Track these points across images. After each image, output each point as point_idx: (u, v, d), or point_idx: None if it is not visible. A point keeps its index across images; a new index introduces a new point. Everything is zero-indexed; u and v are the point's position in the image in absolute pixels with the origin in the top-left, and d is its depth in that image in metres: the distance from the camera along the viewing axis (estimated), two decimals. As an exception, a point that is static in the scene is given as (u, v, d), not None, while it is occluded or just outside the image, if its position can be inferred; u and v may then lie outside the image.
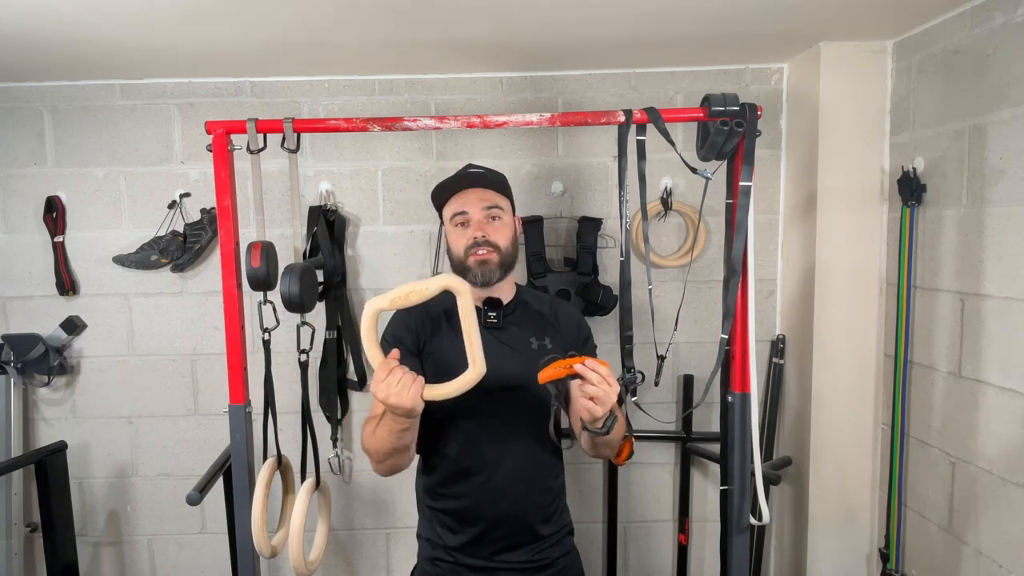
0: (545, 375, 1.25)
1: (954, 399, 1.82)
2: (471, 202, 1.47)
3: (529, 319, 1.52)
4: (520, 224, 1.58)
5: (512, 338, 1.49)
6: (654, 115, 1.45)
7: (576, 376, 1.23)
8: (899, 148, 2.02)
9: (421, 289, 1.21)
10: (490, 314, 1.48)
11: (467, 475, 1.47)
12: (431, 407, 1.46)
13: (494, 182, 1.52)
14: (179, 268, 2.28)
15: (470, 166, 1.56)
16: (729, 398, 1.53)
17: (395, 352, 1.26)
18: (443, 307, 1.53)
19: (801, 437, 2.23)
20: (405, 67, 2.23)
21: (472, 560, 1.48)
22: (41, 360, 2.28)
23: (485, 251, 1.44)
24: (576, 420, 1.40)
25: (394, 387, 1.18)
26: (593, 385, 1.20)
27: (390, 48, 2.00)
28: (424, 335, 1.51)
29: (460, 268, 1.48)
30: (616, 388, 1.22)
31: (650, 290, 1.50)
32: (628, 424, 1.62)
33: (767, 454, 2.33)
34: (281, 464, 1.61)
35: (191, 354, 2.38)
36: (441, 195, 1.54)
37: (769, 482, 2.02)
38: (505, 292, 1.52)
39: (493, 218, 1.48)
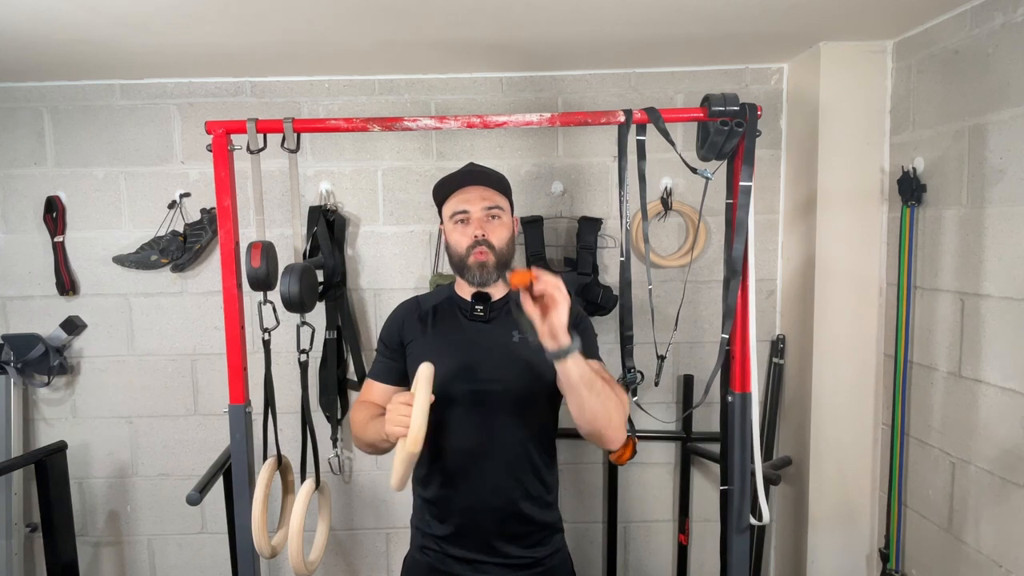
0: (516, 279, 1.20)
1: (954, 399, 1.82)
2: (472, 200, 1.49)
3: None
4: (518, 224, 1.59)
5: (494, 331, 1.51)
6: (654, 115, 1.45)
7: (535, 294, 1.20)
8: (899, 148, 2.02)
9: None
10: (477, 307, 1.51)
11: (450, 467, 1.49)
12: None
13: (495, 181, 1.53)
14: (179, 268, 2.28)
15: (472, 165, 1.57)
16: (729, 398, 1.53)
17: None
18: (432, 303, 1.58)
19: (801, 437, 2.23)
20: (405, 67, 2.23)
21: (457, 551, 1.50)
22: (41, 360, 2.28)
23: (483, 252, 1.46)
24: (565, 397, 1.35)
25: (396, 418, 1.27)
26: (550, 283, 1.18)
27: (390, 48, 2.00)
28: (409, 331, 1.57)
29: (460, 266, 1.50)
30: (564, 291, 1.19)
31: (650, 290, 1.51)
32: (630, 423, 1.62)
33: (767, 454, 2.33)
34: (281, 464, 1.61)
35: (191, 354, 2.38)
36: (442, 191, 1.55)
37: (769, 482, 2.02)
38: (501, 288, 1.53)
39: (493, 217, 1.49)
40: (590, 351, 1.52)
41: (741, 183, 1.43)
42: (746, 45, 2.07)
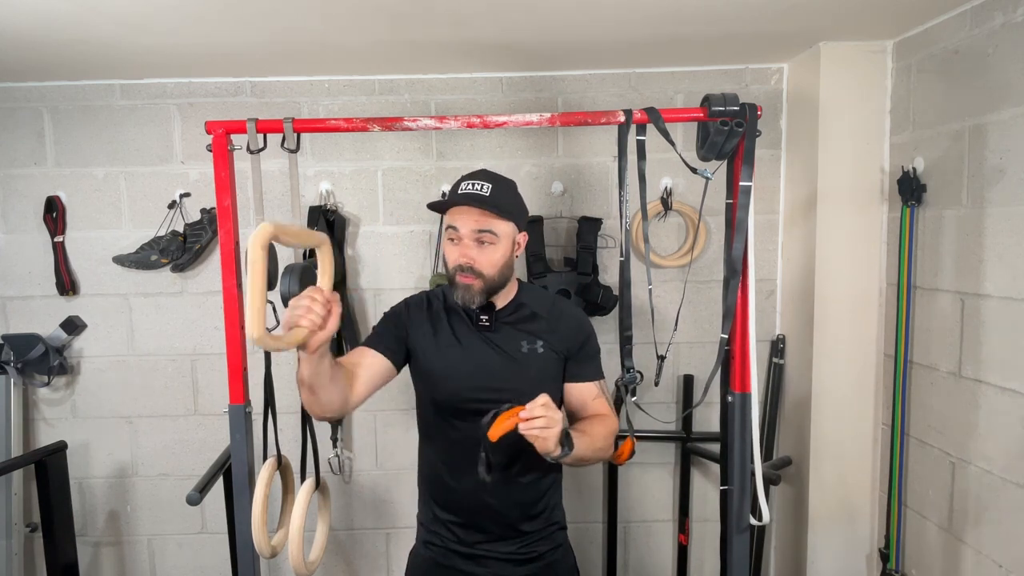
0: (496, 432, 1.25)
1: (954, 399, 1.81)
2: (463, 221, 1.42)
3: (523, 321, 1.51)
4: (525, 239, 1.51)
5: (502, 340, 1.49)
6: (654, 115, 1.45)
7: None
8: (899, 148, 2.02)
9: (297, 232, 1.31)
10: (482, 317, 1.49)
11: (452, 470, 1.51)
12: (427, 402, 1.53)
13: (492, 204, 1.40)
14: (179, 268, 2.28)
15: (482, 172, 1.48)
16: (729, 398, 1.53)
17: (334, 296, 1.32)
18: (440, 303, 1.56)
19: (801, 437, 2.23)
20: (405, 67, 2.23)
21: (458, 546, 1.53)
22: (41, 360, 2.28)
23: (469, 278, 1.42)
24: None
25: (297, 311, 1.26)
26: (537, 426, 1.23)
27: (390, 48, 2.00)
28: (417, 325, 1.53)
29: (450, 280, 1.47)
30: (557, 414, 1.25)
31: (650, 290, 1.50)
32: (629, 423, 1.63)
33: (767, 454, 2.33)
34: (281, 464, 1.61)
35: (191, 354, 2.38)
36: (439, 207, 1.49)
37: (769, 482, 2.02)
38: (502, 296, 1.51)
39: (482, 242, 1.41)
40: (593, 373, 1.55)
41: (741, 183, 1.43)
42: (746, 45, 2.07)
